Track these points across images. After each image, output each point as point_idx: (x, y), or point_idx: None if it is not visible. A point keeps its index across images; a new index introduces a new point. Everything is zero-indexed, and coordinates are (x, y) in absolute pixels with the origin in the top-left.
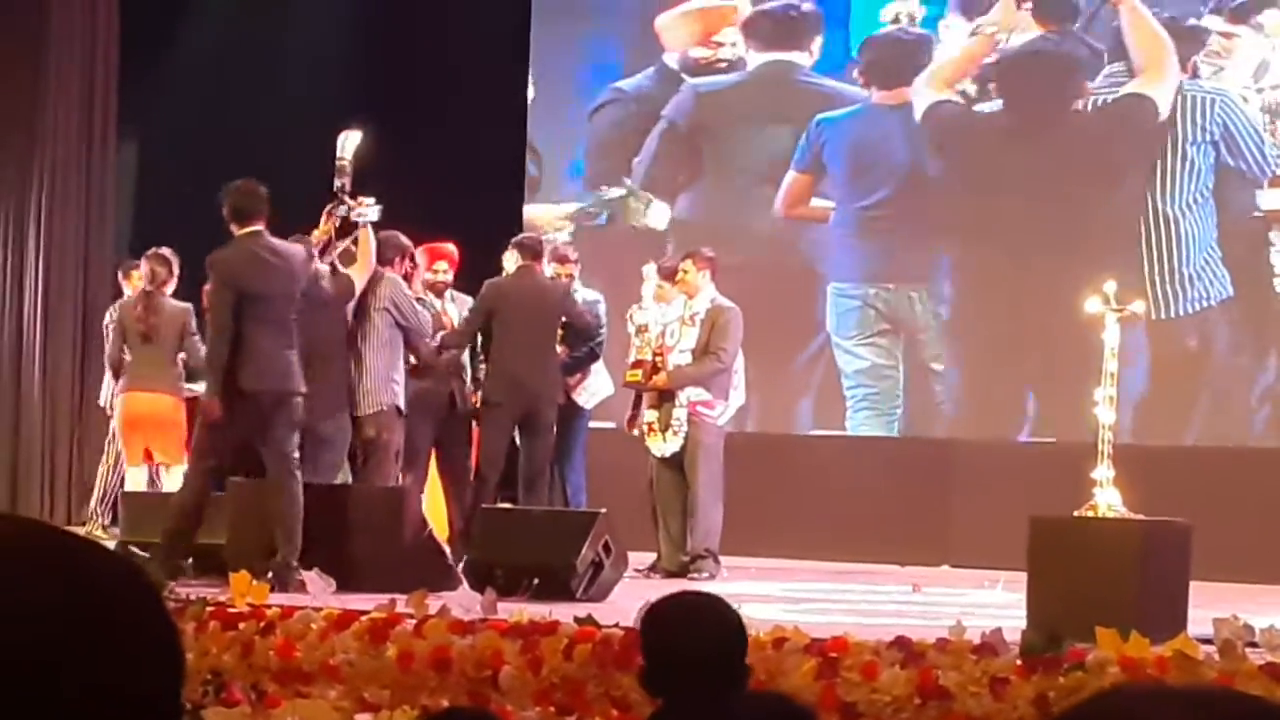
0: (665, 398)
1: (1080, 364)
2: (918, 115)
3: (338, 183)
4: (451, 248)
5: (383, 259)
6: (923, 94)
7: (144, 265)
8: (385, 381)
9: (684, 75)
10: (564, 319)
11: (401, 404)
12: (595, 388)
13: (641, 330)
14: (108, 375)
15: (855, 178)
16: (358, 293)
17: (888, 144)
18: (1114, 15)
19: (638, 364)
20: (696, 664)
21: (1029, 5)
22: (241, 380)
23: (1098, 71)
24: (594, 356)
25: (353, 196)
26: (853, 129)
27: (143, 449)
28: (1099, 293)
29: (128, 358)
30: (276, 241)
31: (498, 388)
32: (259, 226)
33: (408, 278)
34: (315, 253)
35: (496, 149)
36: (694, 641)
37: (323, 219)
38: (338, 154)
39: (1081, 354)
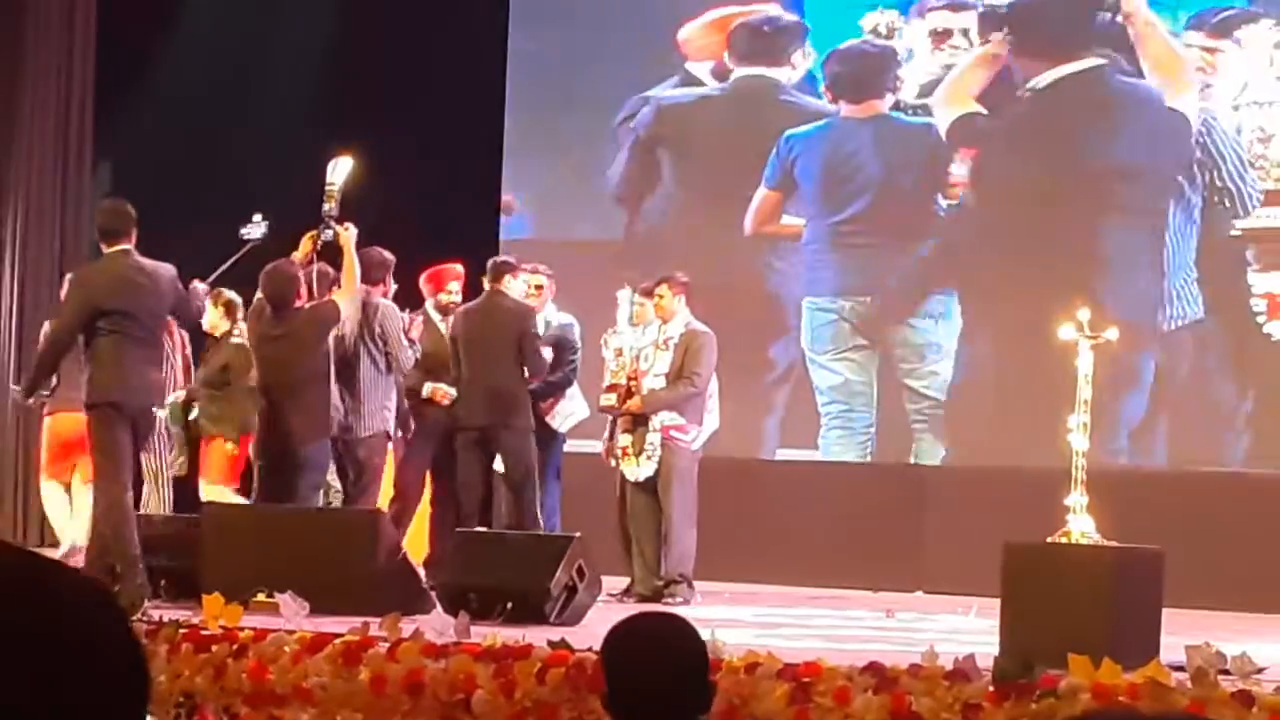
0: (639, 422)
1: (1058, 389)
2: (943, 131)
3: (325, 207)
4: (459, 268)
5: (372, 279)
6: (943, 110)
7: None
8: (379, 407)
9: (715, 82)
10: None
11: (391, 429)
12: (569, 411)
13: (617, 354)
14: None
15: (827, 193)
16: (344, 317)
17: (859, 157)
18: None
19: (612, 388)
20: (660, 687)
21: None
22: (109, 394)
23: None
24: (567, 381)
25: (339, 222)
26: (823, 144)
27: (71, 467)
28: (1073, 319)
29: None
30: (145, 261)
31: (460, 412)
32: (126, 245)
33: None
34: (299, 275)
35: (473, 166)
36: (657, 665)
37: (304, 241)
38: (327, 179)
39: (1060, 379)
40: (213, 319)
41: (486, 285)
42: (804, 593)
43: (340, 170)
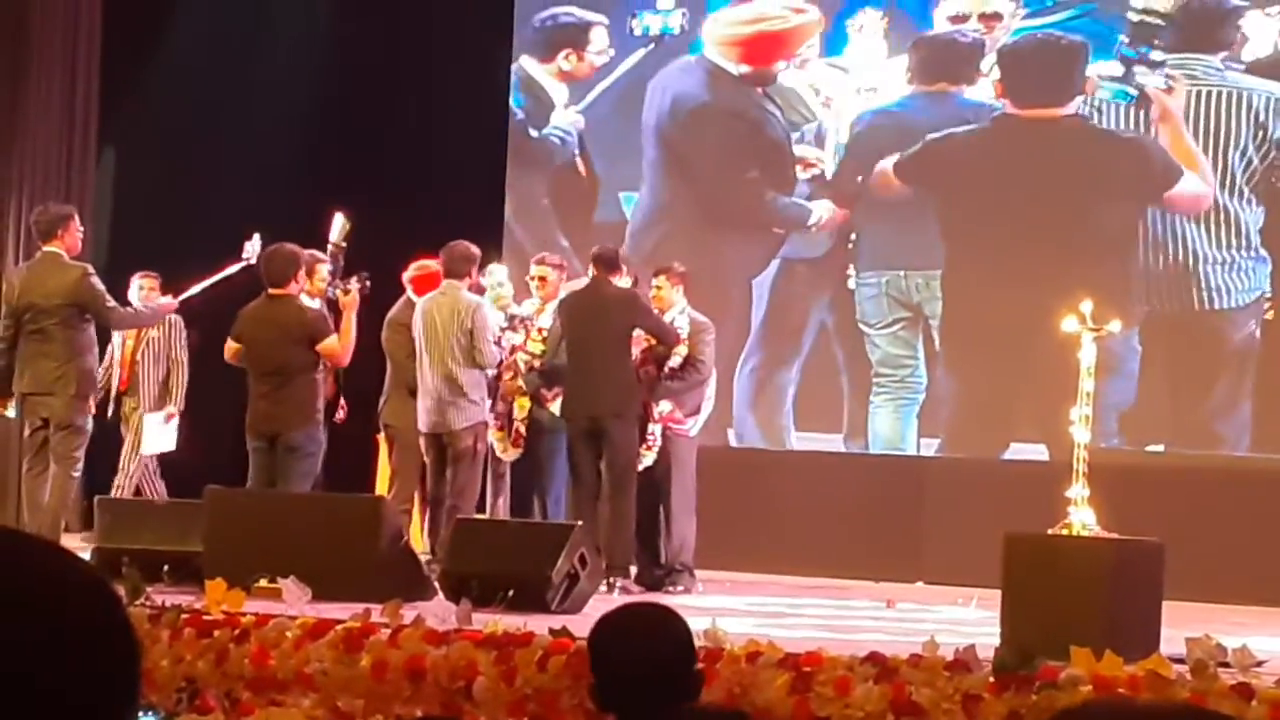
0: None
1: (1063, 379)
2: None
3: (328, 267)
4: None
5: (460, 273)
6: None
7: None
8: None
9: (757, 87)
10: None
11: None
12: None
13: None
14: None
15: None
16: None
17: (923, 137)
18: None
19: None
20: (645, 677)
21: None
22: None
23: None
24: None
25: (344, 280)
26: (888, 120)
27: None
28: (1076, 311)
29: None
30: (68, 261)
31: (569, 403)
32: (54, 247)
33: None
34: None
35: (478, 160)
36: (642, 655)
37: (313, 283)
38: (331, 238)
39: (1065, 369)
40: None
41: (593, 273)
42: (805, 582)
43: (339, 228)
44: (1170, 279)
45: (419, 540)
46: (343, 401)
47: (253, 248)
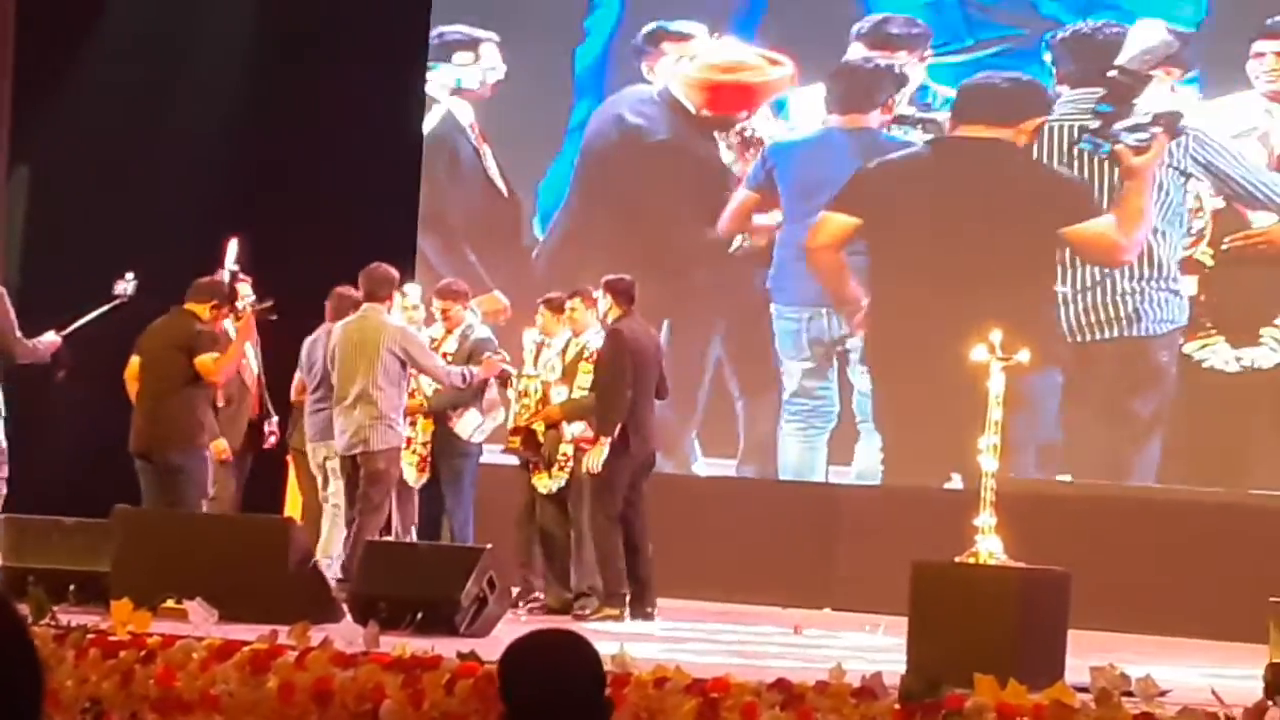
0: (550, 434)
1: (974, 408)
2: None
3: (245, 290)
4: None
5: (380, 296)
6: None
7: None
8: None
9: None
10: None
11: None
12: (478, 422)
13: (520, 395)
14: None
15: (804, 200)
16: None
17: (840, 168)
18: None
19: (516, 430)
20: (555, 704)
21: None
22: None
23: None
24: (478, 389)
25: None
26: (807, 152)
27: None
28: (986, 341)
29: None
30: None
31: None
32: None
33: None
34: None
35: (390, 182)
36: (551, 684)
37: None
38: (226, 263)
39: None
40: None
41: (624, 308)
42: (713, 608)
43: (232, 254)
44: (1086, 309)
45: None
46: (273, 426)
47: (125, 286)
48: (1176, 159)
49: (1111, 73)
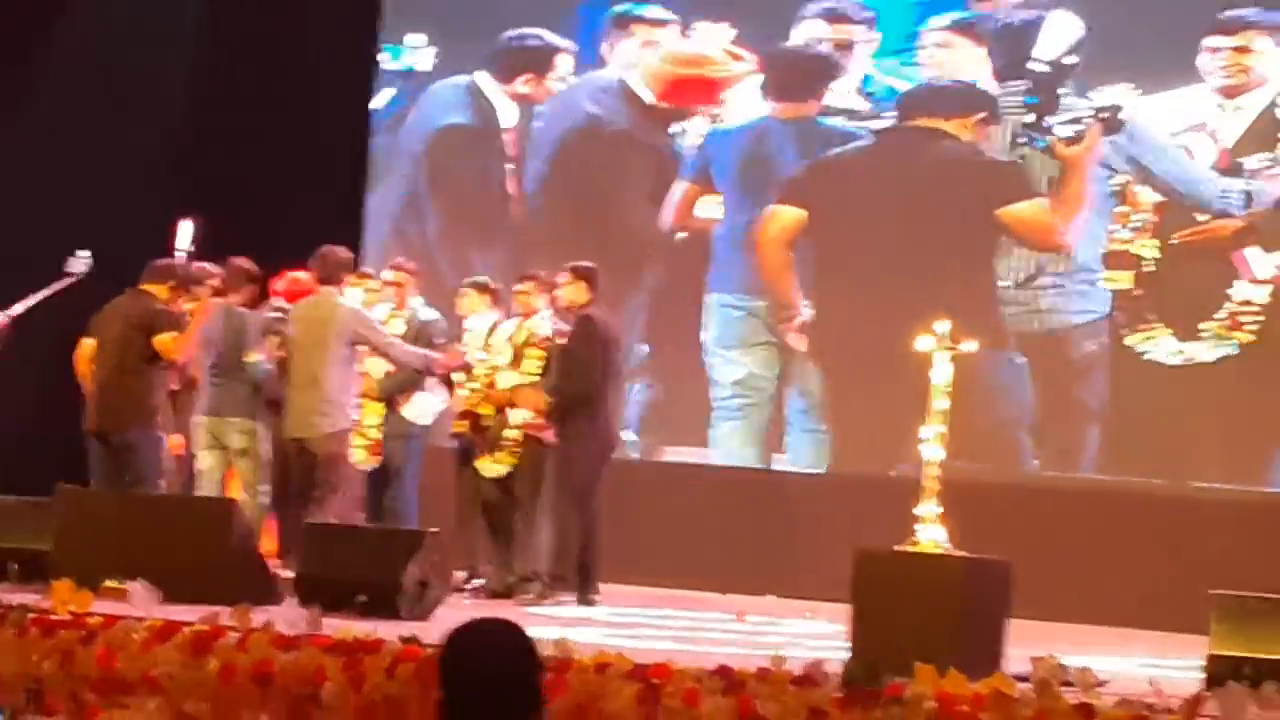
0: (496, 418)
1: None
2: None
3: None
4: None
5: (335, 280)
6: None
7: None
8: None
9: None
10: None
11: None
12: (426, 405)
13: (469, 379)
14: None
15: (744, 189)
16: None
17: (780, 157)
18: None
19: (464, 414)
20: (490, 694)
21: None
22: None
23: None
24: (426, 372)
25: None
26: (746, 141)
27: None
28: (931, 330)
29: None
30: None
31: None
32: None
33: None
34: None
35: (340, 161)
36: (488, 671)
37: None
38: (178, 245)
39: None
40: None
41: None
42: (655, 593)
43: (184, 235)
44: (1020, 298)
45: (273, 543)
46: None
47: (78, 264)
48: (1108, 154)
49: (1031, 64)
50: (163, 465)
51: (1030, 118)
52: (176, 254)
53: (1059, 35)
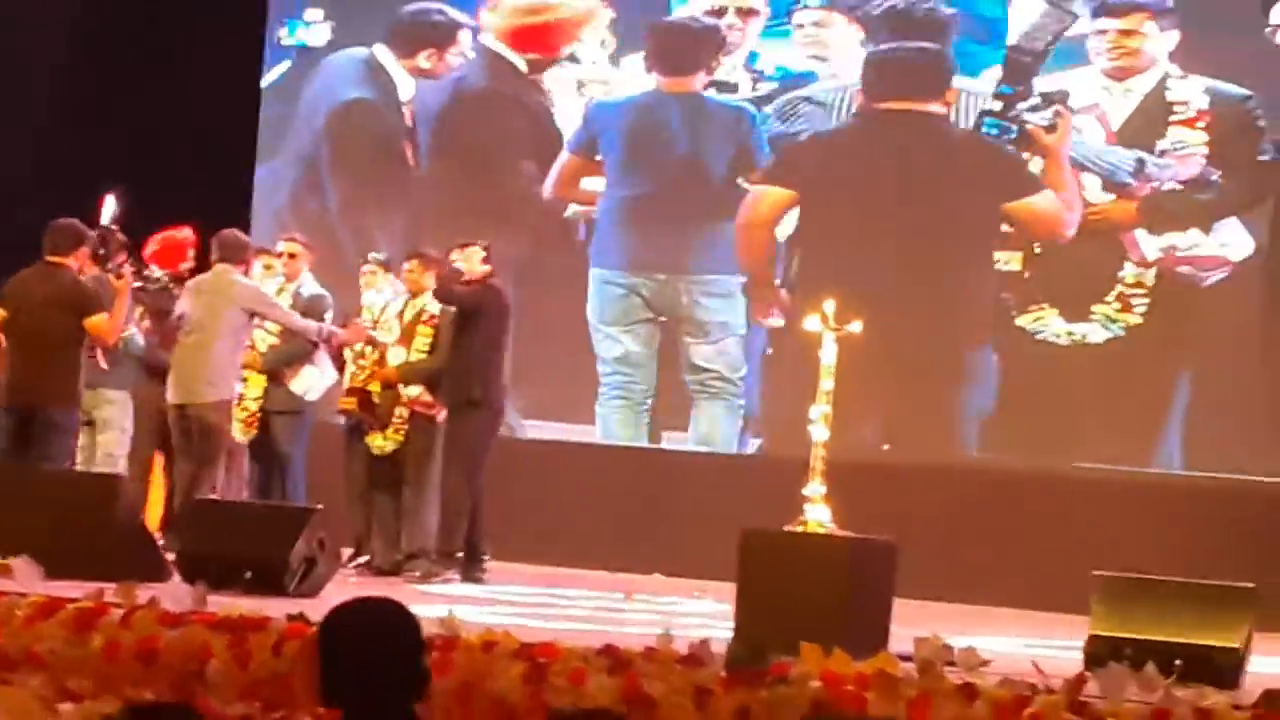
0: (386, 395)
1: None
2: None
3: (102, 250)
4: (189, 235)
5: (234, 259)
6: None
7: None
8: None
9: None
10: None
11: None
12: (315, 379)
13: (358, 356)
14: None
15: (629, 165)
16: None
17: (667, 132)
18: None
19: (352, 391)
20: (372, 672)
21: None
22: None
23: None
24: (324, 345)
25: (115, 262)
26: (631, 115)
27: None
28: (820, 311)
29: None
30: None
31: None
32: None
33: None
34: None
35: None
36: (370, 650)
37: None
38: (102, 221)
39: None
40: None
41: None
42: (543, 571)
43: (109, 212)
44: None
45: (157, 516)
46: None
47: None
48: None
49: (1009, 52)
50: (76, 444)
51: (998, 105)
52: (99, 230)
53: (1032, 21)
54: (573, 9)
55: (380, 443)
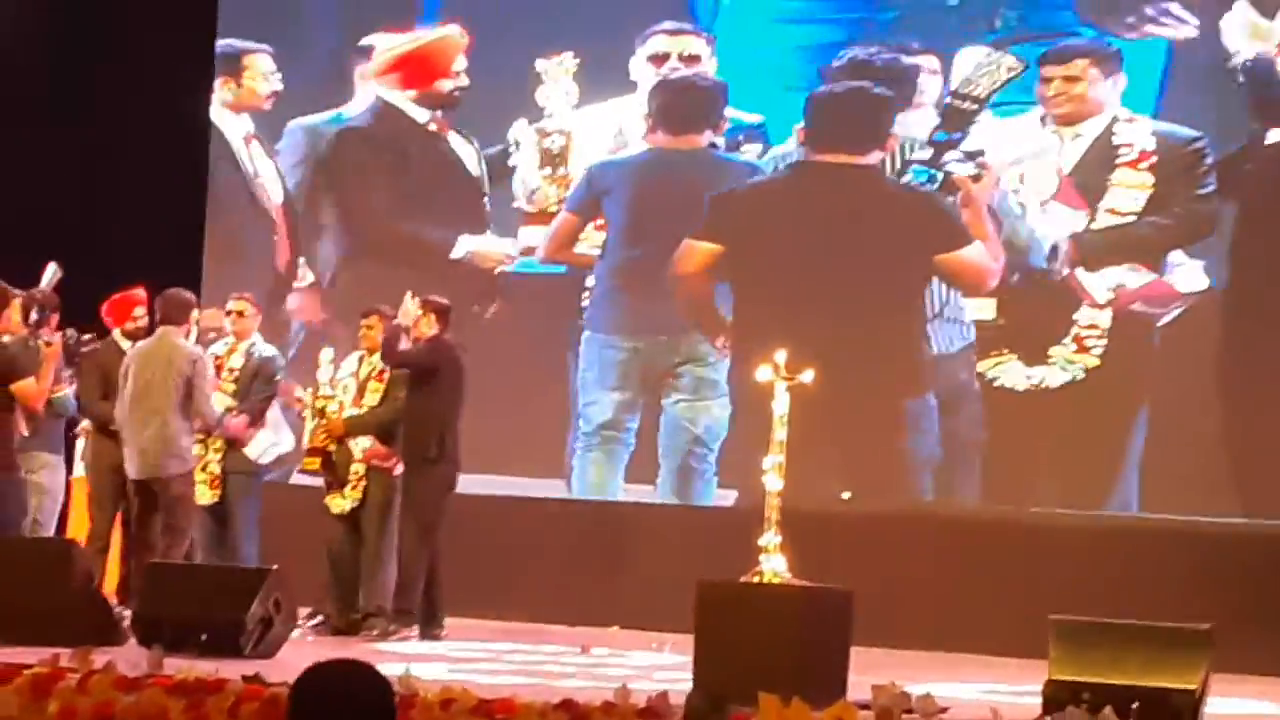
0: (340, 452)
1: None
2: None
3: (34, 316)
4: (141, 293)
5: (177, 320)
6: None
7: None
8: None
9: (418, 109)
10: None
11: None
12: (271, 442)
13: (317, 414)
14: None
15: (634, 225)
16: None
17: (676, 190)
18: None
19: (313, 451)
20: None
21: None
22: None
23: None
24: (261, 411)
25: (57, 328)
26: (638, 174)
27: None
28: (771, 361)
29: None
30: None
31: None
32: None
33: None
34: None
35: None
36: (341, 713)
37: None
38: (43, 285)
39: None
40: None
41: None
42: (501, 626)
43: (49, 278)
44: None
45: (114, 584)
46: None
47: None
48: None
49: (950, 100)
50: (26, 504)
51: (927, 153)
52: (45, 292)
53: (976, 69)
54: (432, 34)
55: (340, 502)
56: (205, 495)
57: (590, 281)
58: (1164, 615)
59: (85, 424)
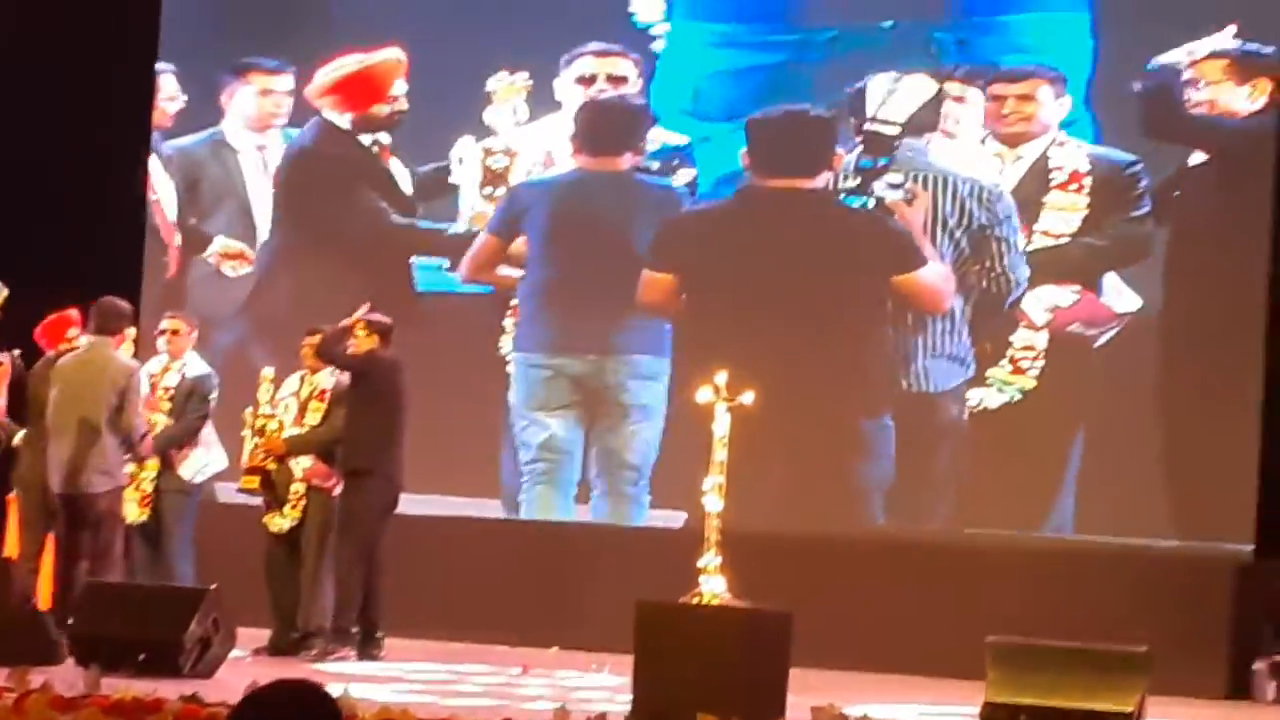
0: (280, 472)
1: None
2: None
3: None
4: (75, 314)
5: (110, 330)
6: None
7: None
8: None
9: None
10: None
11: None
12: (205, 461)
13: (257, 433)
14: None
15: (553, 244)
16: None
17: (593, 211)
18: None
19: (252, 470)
20: None
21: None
22: None
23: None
24: (194, 431)
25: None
26: (555, 196)
27: None
28: (711, 383)
29: None
30: None
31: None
32: None
33: None
34: None
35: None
36: None
37: None
38: None
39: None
40: None
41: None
42: (441, 647)
43: None
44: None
45: (46, 603)
46: None
47: None
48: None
49: (868, 125)
50: None
51: (856, 181)
52: None
53: (893, 94)
54: (371, 58)
55: (279, 522)
56: (135, 513)
57: (514, 301)
58: (1100, 637)
59: (19, 438)
